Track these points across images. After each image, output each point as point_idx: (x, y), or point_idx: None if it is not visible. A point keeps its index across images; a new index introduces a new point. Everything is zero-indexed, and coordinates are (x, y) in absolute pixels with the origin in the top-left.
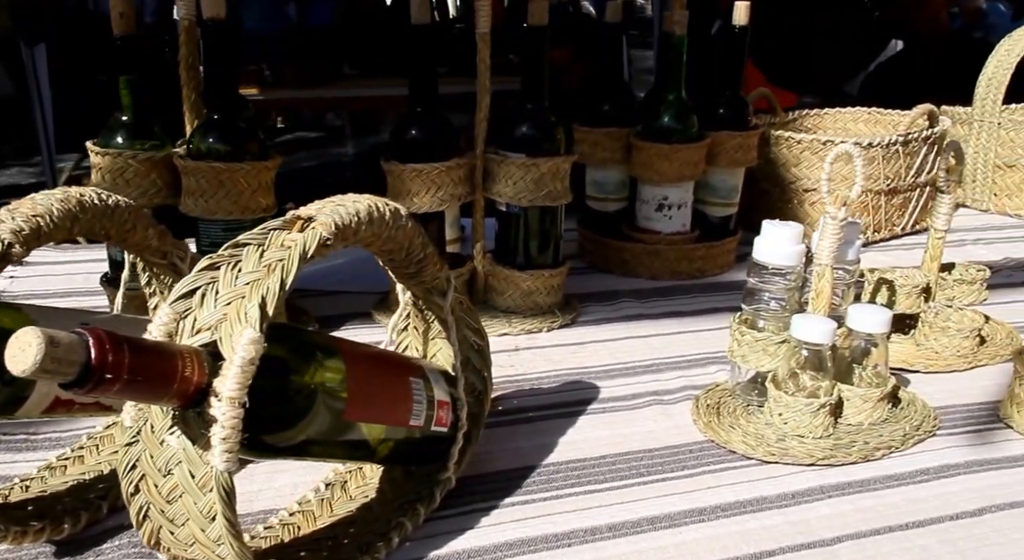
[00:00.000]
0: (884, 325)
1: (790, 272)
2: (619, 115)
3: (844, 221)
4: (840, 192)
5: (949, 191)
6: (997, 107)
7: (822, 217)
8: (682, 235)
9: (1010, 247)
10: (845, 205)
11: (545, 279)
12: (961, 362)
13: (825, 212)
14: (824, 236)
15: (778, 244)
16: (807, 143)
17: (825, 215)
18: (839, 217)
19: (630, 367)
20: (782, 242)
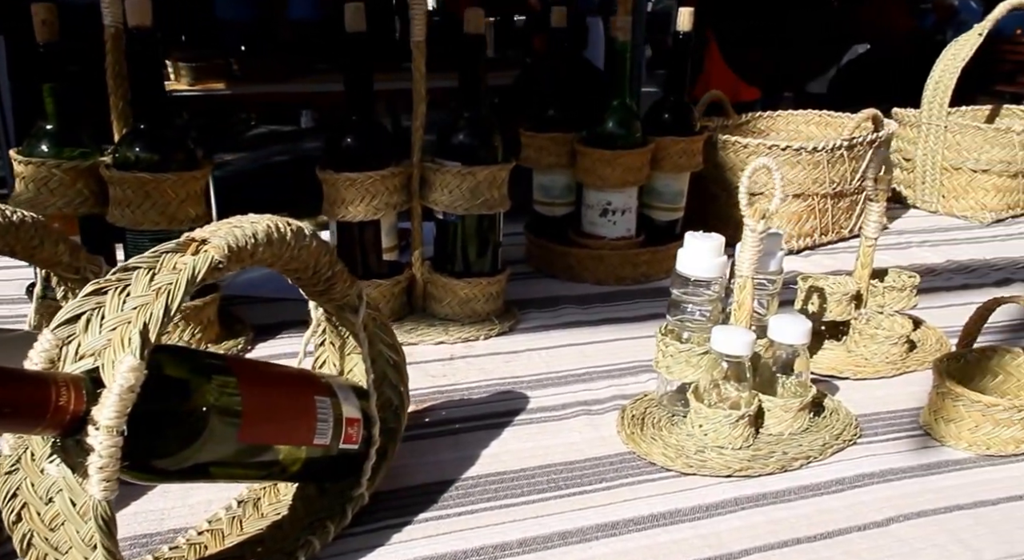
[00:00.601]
0: (804, 336)
1: (713, 284)
2: (565, 120)
3: (763, 233)
4: (759, 205)
5: (878, 199)
6: (944, 111)
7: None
8: (627, 240)
9: (953, 249)
10: (764, 217)
11: (483, 286)
12: (889, 368)
13: (744, 224)
14: (744, 248)
15: (700, 256)
16: (753, 147)
17: (745, 227)
18: (758, 230)
19: (562, 376)
20: (704, 254)
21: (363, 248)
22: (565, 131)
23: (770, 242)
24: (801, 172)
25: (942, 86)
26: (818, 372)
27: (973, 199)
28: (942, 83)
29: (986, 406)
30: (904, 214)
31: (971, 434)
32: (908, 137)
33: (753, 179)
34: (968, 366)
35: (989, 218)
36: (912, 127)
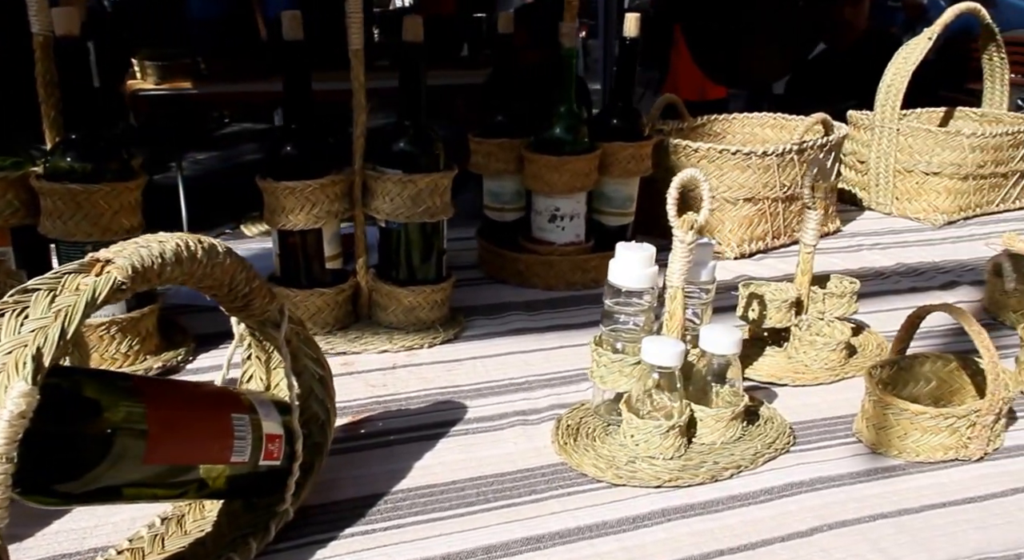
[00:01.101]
0: (735, 346)
1: (644, 294)
2: (513, 125)
3: (692, 244)
4: (687, 216)
5: (815, 207)
6: (896, 114)
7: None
8: (576, 245)
9: (904, 252)
10: (692, 228)
11: (427, 294)
12: (828, 375)
13: (674, 235)
14: (674, 259)
15: (631, 267)
16: (704, 152)
17: (674, 238)
18: (687, 240)
19: (502, 385)
20: (635, 265)
21: (305, 257)
22: (514, 137)
23: (701, 252)
24: (752, 176)
25: (894, 89)
26: (757, 379)
27: (925, 201)
28: (894, 86)
29: (914, 414)
30: (859, 216)
31: (900, 441)
32: (862, 140)
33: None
34: (901, 373)
35: (941, 220)
36: (866, 130)
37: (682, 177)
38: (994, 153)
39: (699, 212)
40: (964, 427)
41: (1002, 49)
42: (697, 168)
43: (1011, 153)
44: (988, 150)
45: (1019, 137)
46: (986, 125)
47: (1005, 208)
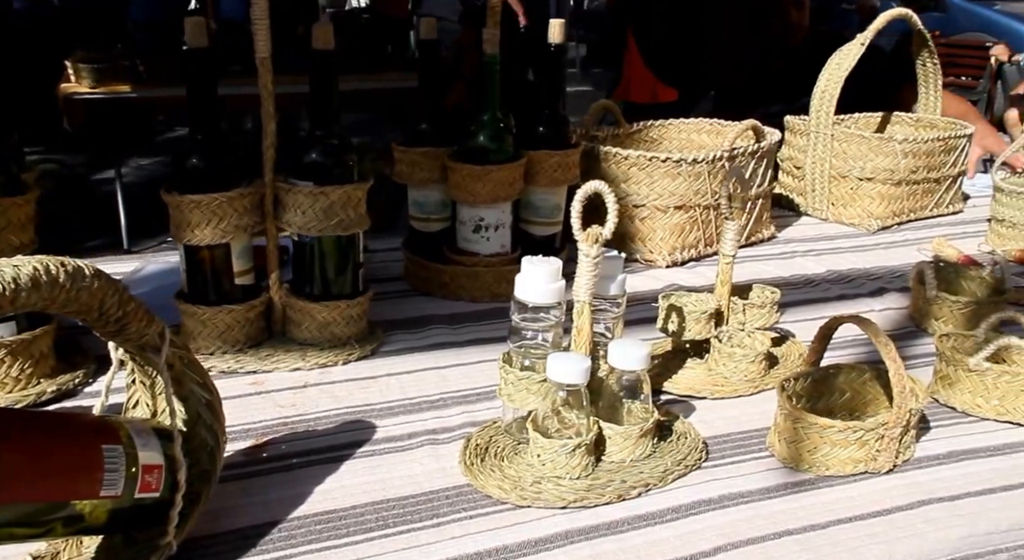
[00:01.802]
0: (643, 361)
1: (552, 309)
2: (438, 134)
3: (598, 257)
4: (592, 229)
5: (733, 218)
6: (830, 119)
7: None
8: (501, 256)
9: (837, 258)
10: (597, 241)
11: (343, 309)
12: (748, 387)
13: (579, 249)
14: (580, 273)
15: (537, 282)
16: (634, 159)
17: (579, 252)
18: (592, 254)
19: (416, 403)
20: (541, 279)
21: (213, 272)
22: (439, 145)
23: (609, 265)
24: (682, 184)
25: (828, 95)
26: (676, 392)
27: (860, 207)
28: (827, 92)
29: (823, 428)
30: (795, 222)
31: (811, 455)
32: (798, 145)
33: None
34: (815, 385)
35: (875, 226)
36: (802, 135)
37: (586, 189)
38: (926, 158)
39: (604, 225)
40: (873, 440)
41: (934, 55)
42: (627, 176)
43: (943, 158)
44: (920, 155)
45: (951, 143)
46: (920, 130)
47: (938, 213)
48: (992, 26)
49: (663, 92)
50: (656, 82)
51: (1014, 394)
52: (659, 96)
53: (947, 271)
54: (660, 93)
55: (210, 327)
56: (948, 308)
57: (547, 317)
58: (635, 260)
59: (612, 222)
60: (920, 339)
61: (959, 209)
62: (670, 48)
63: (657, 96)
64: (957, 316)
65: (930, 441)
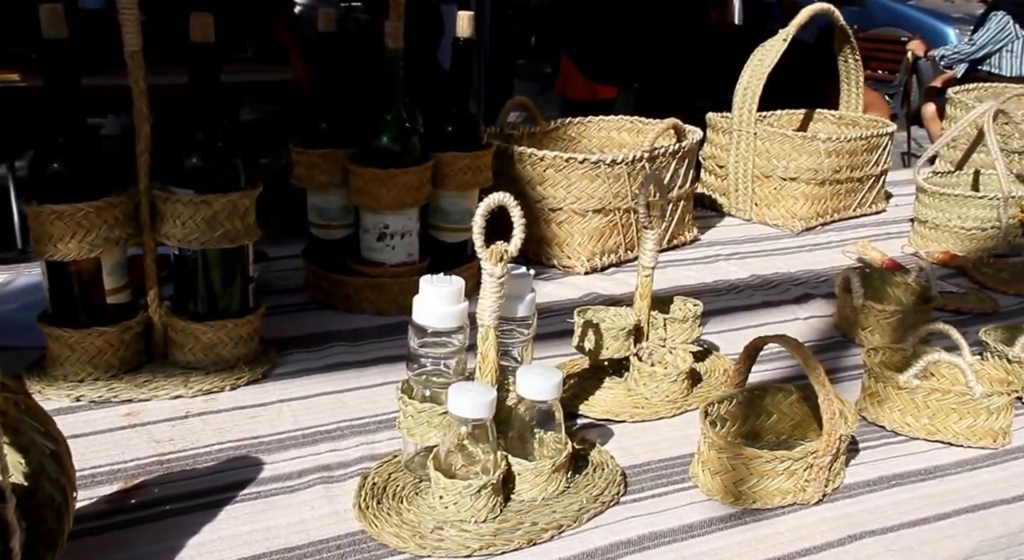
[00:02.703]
0: (554, 390)
1: (454, 334)
2: (339, 134)
3: (503, 277)
4: (496, 246)
5: (652, 227)
6: (752, 116)
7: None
8: (408, 265)
9: (761, 262)
10: (502, 260)
11: (230, 329)
12: (670, 408)
13: (482, 269)
14: (484, 295)
15: (436, 304)
16: (550, 160)
17: (483, 272)
18: (496, 274)
19: (309, 434)
20: (441, 302)
21: (82, 290)
22: (340, 146)
23: (516, 284)
24: (601, 186)
25: (750, 93)
26: (593, 416)
27: (784, 207)
28: (750, 89)
29: (748, 458)
30: (719, 223)
31: (736, 487)
32: (720, 143)
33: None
34: (740, 407)
35: (799, 227)
36: (724, 133)
37: (489, 202)
38: (849, 158)
39: (510, 240)
40: (802, 470)
41: (856, 51)
42: (543, 178)
43: (866, 157)
44: (844, 155)
45: (873, 141)
46: (843, 128)
47: (861, 213)
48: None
49: (601, 89)
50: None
51: (944, 413)
52: (597, 93)
53: (873, 277)
54: (599, 90)
55: (79, 352)
56: (875, 317)
57: (449, 342)
58: (552, 266)
59: (518, 238)
60: (847, 350)
61: (882, 208)
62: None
63: (595, 93)
64: (884, 325)
65: (860, 464)
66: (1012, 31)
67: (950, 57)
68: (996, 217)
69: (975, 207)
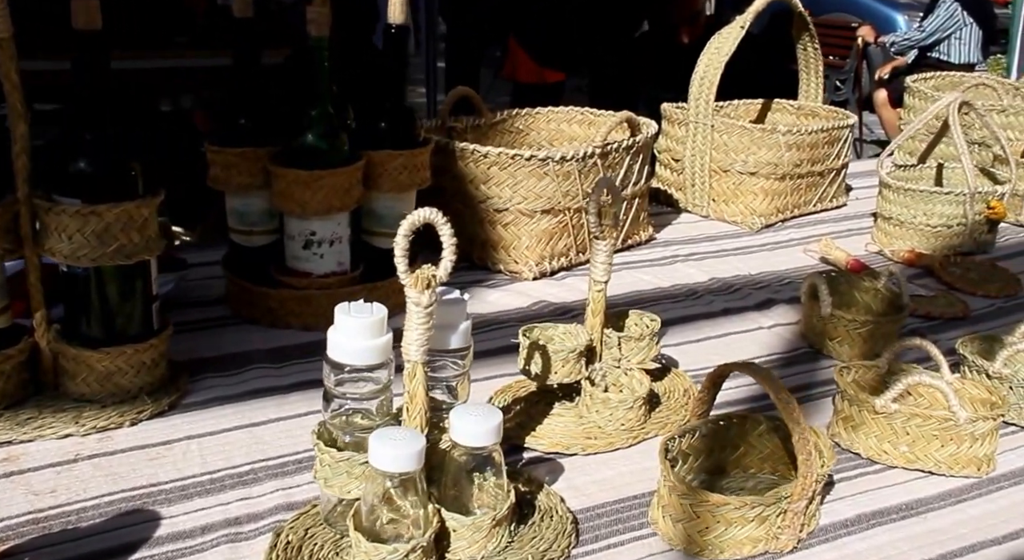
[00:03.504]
0: (492, 435)
1: (376, 370)
2: (260, 130)
3: (431, 307)
4: (423, 271)
5: (604, 237)
6: (710, 108)
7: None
8: (338, 275)
9: (719, 263)
10: (430, 287)
11: (130, 356)
12: (626, 437)
13: (407, 298)
14: (409, 327)
15: (355, 337)
16: (495, 157)
17: (408, 301)
18: (423, 303)
19: (217, 479)
20: (360, 334)
21: None
22: (260, 144)
23: (448, 312)
24: (550, 184)
25: (707, 82)
26: (541, 449)
27: (742, 203)
28: (707, 78)
29: (716, 505)
30: (675, 220)
31: (702, 537)
32: (676, 136)
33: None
34: (702, 441)
35: (758, 224)
36: (680, 125)
37: (413, 220)
38: (810, 151)
39: (439, 264)
40: (774, 516)
41: (815, 39)
42: (488, 176)
43: (827, 150)
44: (804, 148)
45: (835, 133)
46: (803, 119)
47: (822, 208)
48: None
49: (550, 73)
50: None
51: (925, 440)
52: (546, 77)
53: (839, 282)
54: (547, 74)
55: None
56: (844, 327)
57: (371, 379)
58: (498, 272)
59: (448, 260)
60: (815, 362)
61: (842, 202)
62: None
63: (544, 77)
64: (854, 336)
65: (836, 500)
66: (960, 18)
67: (900, 43)
68: (962, 214)
69: (941, 203)
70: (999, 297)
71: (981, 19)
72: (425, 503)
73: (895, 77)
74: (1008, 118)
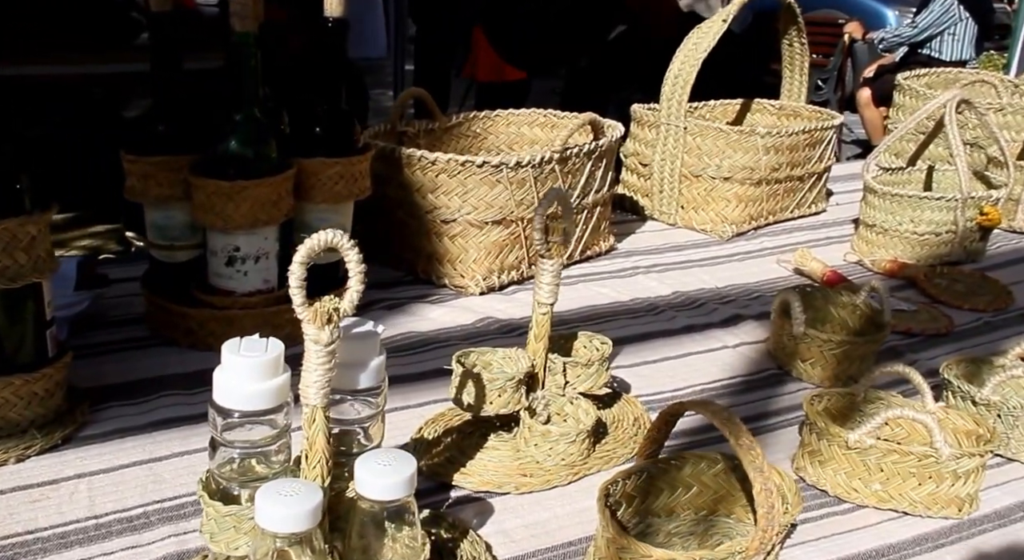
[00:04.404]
0: (403, 488)
1: (272, 414)
2: (181, 137)
3: (332, 345)
4: (321, 304)
5: (551, 256)
6: (683, 109)
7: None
8: (264, 294)
9: (684, 276)
10: (331, 322)
11: (18, 387)
12: (567, 474)
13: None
14: (308, 368)
15: (244, 379)
16: (444, 164)
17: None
18: (322, 341)
19: (104, 524)
20: (250, 376)
21: None
22: (180, 152)
23: (356, 348)
24: (503, 193)
25: (681, 81)
26: (470, 487)
27: (713, 211)
28: (681, 77)
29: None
30: (639, 228)
31: None
32: (645, 139)
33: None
34: (649, 482)
35: (729, 232)
36: (650, 128)
37: (311, 244)
38: (790, 154)
39: (343, 295)
40: None
41: (803, 34)
42: (436, 184)
43: (808, 153)
44: (784, 151)
45: (817, 135)
46: (784, 120)
47: (800, 214)
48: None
49: (511, 71)
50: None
51: (902, 477)
52: (506, 75)
53: (815, 296)
54: (508, 72)
55: None
56: (818, 348)
57: (264, 424)
58: (443, 286)
59: (355, 291)
60: (783, 386)
61: (822, 209)
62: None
63: (504, 75)
64: (828, 357)
65: (798, 544)
66: (956, 13)
67: (890, 40)
68: (952, 220)
69: (930, 209)
70: (987, 311)
71: (978, 14)
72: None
73: (880, 76)
74: (1006, 117)
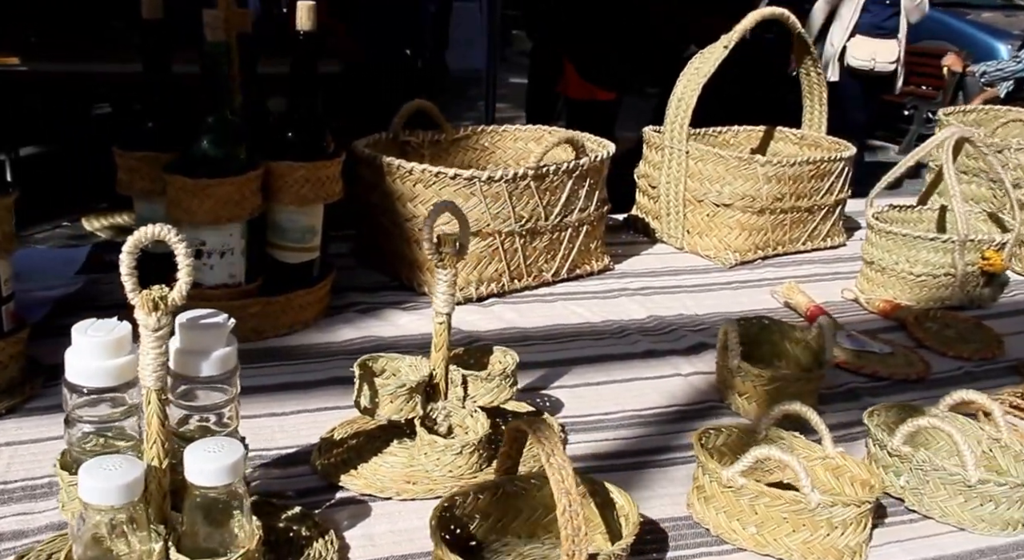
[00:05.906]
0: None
1: (119, 391)
2: (166, 135)
3: (161, 330)
4: (149, 292)
5: (445, 266)
6: (684, 133)
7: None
8: (229, 288)
9: (668, 300)
10: (159, 309)
11: None
12: (451, 485)
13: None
14: (142, 352)
15: (90, 358)
16: (419, 175)
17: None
18: (151, 326)
19: (7, 490)
20: (95, 355)
21: None
22: (164, 149)
23: (204, 336)
24: (478, 206)
25: (683, 104)
26: (354, 489)
27: (717, 237)
28: (683, 101)
29: None
30: (646, 251)
31: None
32: (654, 161)
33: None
34: (508, 499)
35: (732, 260)
36: (657, 150)
37: (139, 236)
38: (793, 184)
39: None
40: None
41: (818, 63)
42: (413, 194)
43: (815, 185)
44: (786, 181)
45: (825, 167)
46: (805, 150)
47: (814, 247)
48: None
49: (600, 92)
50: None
51: (775, 522)
52: (597, 94)
53: (772, 331)
54: (598, 91)
55: None
56: (752, 382)
57: (112, 401)
58: (423, 294)
59: (184, 283)
60: (716, 420)
61: (840, 242)
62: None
63: (595, 94)
64: (761, 393)
65: None
66: None
67: (992, 74)
68: (951, 263)
69: (926, 250)
70: (972, 360)
71: None
72: (154, 538)
73: None
74: None
